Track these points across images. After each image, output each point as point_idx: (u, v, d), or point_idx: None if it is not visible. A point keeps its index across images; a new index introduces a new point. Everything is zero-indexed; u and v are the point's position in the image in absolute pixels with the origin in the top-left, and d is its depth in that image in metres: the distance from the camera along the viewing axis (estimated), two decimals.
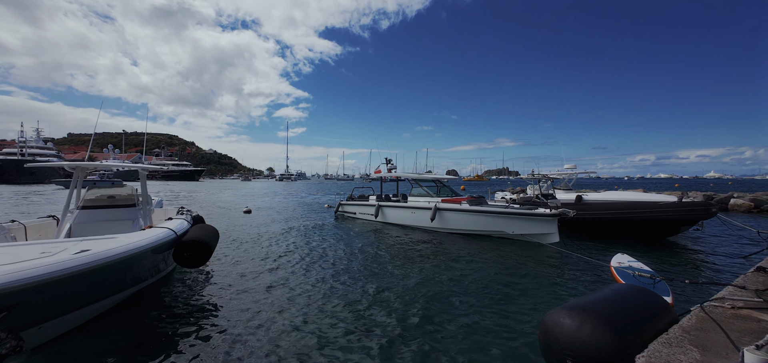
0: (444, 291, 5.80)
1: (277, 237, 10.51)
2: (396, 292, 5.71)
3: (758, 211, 18.12)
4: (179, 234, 5.22)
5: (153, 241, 4.49)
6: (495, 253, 8.49)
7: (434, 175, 16.10)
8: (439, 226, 11.02)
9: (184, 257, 5.10)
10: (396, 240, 10.24)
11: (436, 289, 5.87)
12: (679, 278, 6.28)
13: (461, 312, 4.94)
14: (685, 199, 9.70)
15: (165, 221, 5.90)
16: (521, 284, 6.18)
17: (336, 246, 9.32)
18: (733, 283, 3.93)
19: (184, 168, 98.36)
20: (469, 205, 10.12)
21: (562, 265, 7.27)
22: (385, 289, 5.89)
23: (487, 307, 5.14)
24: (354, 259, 7.88)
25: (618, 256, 6.65)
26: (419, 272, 6.88)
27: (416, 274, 6.78)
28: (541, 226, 8.74)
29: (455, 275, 6.68)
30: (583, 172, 15.02)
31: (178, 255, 5.12)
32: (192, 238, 5.12)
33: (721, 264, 7.64)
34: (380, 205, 13.41)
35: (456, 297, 5.52)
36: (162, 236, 4.77)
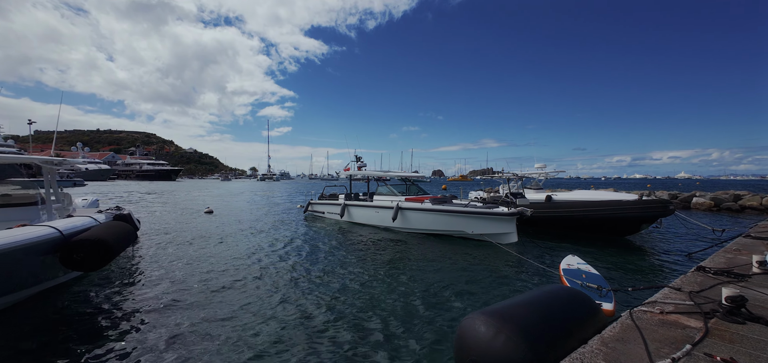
0: (387, 300, 5.44)
1: (232, 239, 9.91)
2: (345, 298, 5.31)
3: (718, 209, 18.83)
4: (67, 233, 4.54)
5: (11, 242, 3.82)
6: (451, 253, 8.23)
7: (420, 175, 15.79)
8: (402, 225, 10.71)
9: (73, 259, 4.43)
10: (357, 241, 9.84)
11: (383, 296, 5.51)
12: (626, 281, 6.18)
13: (394, 320, 4.59)
14: (645, 198, 9.78)
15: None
16: (468, 287, 5.90)
17: (290, 248, 8.83)
18: (669, 285, 3.75)
19: (160, 167, 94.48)
20: (432, 205, 9.83)
21: (517, 266, 7.07)
22: (336, 295, 5.48)
23: (424, 311, 4.81)
24: (306, 261, 7.42)
25: (568, 258, 6.50)
26: (371, 275, 6.51)
27: (367, 278, 6.41)
28: (498, 225, 8.54)
29: (406, 279, 6.36)
30: (553, 171, 15.09)
31: (66, 258, 4.44)
32: (85, 238, 4.46)
33: (671, 262, 7.66)
34: (346, 205, 12.99)
35: (400, 301, 5.18)
36: (30, 236, 4.07)
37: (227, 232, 10.98)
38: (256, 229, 11.77)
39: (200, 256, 7.77)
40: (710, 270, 4.26)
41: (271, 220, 14.25)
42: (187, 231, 11.08)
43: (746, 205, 18.12)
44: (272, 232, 11.33)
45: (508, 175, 13.32)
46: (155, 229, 11.24)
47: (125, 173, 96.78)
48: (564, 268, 5.97)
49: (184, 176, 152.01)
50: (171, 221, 13.32)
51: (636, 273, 6.76)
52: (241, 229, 11.66)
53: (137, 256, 7.60)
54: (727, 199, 18.96)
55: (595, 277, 5.43)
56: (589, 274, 5.53)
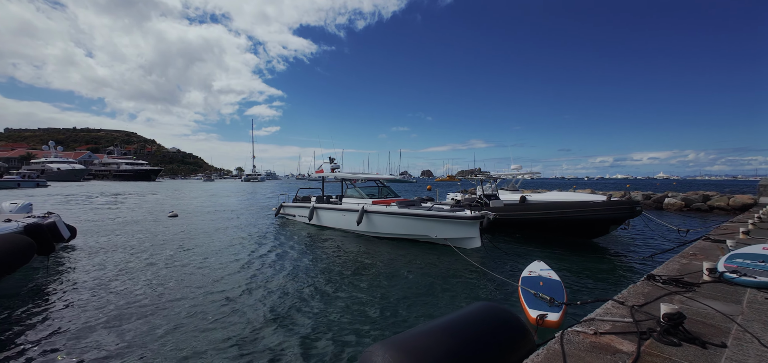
0: (333, 314, 5.06)
1: (187, 245, 9.31)
2: (293, 312, 4.90)
3: (688, 209, 19.27)
4: None
5: None
6: (415, 259, 7.93)
7: (408, 175, 15.37)
8: (367, 229, 10.34)
9: None
10: (321, 246, 9.42)
11: (329, 310, 5.13)
12: (585, 288, 5.98)
13: (331, 338, 4.22)
14: (613, 199, 9.72)
15: None
16: (423, 299, 5.59)
17: (248, 255, 8.33)
18: (615, 298, 3.50)
19: (139, 167, 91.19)
20: (398, 208, 9.50)
21: (477, 273, 6.80)
22: (285, 309, 5.05)
23: (372, 329, 4.46)
24: (261, 270, 6.95)
25: (533, 264, 6.25)
26: (324, 287, 6.12)
27: (321, 289, 6.01)
28: (461, 230, 8.28)
29: (361, 290, 5.99)
30: (528, 172, 15.01)
31: None
32: None
33: (629, 267, 7.56)
34: (315, 208, 12.54)
35: (346, 316, 4.80)
36: None
37: (183, 238, 10.35)
38: (218, 235, 11.17)
39: (138, 266, 7.15)
40: (660, 279, 4.06)
41: (238, 224, 13.64)
42: (137, 237, 10.38)
43: (714, 206, 18.60)
44: (235, 237, 10.77)
45: (482, 177, 13.13)
46: (99, 236, 10.46)
47: (102, 173, 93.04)
48: (525, 275, 5.72)
49: (166, 176, 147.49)
50: (125, 226, 12.54)
51: (597, 277, 6.60)
52: (201, 235, 11.03)
53: (59, 269, 6.74)
54: (696, 199, 19.43)
55: (553, 285, 5.19)
56: (549, 283, 5.29)
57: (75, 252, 8.18)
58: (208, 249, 8.83)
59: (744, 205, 17.73)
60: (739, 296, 3.59)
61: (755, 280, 3.85)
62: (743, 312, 3.17)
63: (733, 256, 4.69)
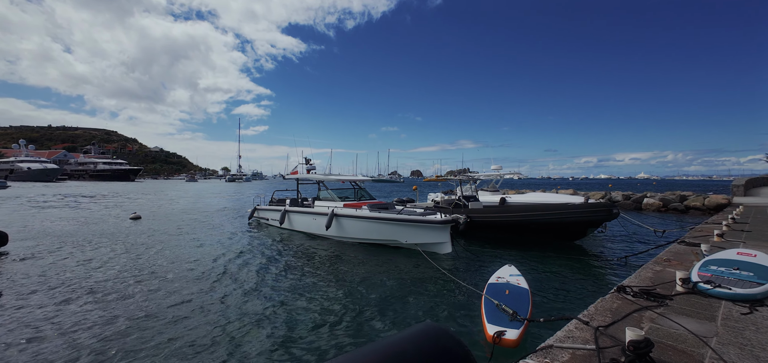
0: (283, 331, 4.54)
1: (139, 251, 8.58)
2: (245, 331, 4.34)
3: (666, 209, 19.52)
4: None
5: None
6: (385, 265, 7.48)
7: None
8: (337, 234, 9.85)
9: None
10: (288, 252, 8.86)
11: (281, 325, 4.60)
12: (556, 298, 5.62)
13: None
14: (591, 201, 9.52)
15: None
16: (384, 314, 5.13)
17: (206, 263, 7.69)
18: (579, 317, 3.11)
19: (118, 167, 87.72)
20: (369, 211, 9.02)
21: (444, 282, 6.39)
22: (235, 328, 4.48)
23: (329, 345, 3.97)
24: (217, 279, 6.35)
25: (502, 269, 5.89)
26: (283, 299, 5.58)
27: (278, 301, 5.47)
28: (431, 234, 7.87)
29: (318, 302, 5.49)
30: (508, 172, 14.81)
31: None
32: None
33: (603, 274, 7.26)
34: (286, 211, 11.95)
35: (301, 333, 4.29)
36: None
37: (137, 244, 9.58)
38: (179, 241, 10.44)
39: (69, 277, 6.42)
40: (631, 291, 3.71)
41: (205, 229, 12.88)
42: (85, 242, 9.55)
43: (690, 206, 18.89)
44: (197, 243, 10.06)
45: (461, 177, 12.80)
46: (41, 242, 9.54)
47: (78, 173, 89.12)
48: (492, 281, 5.34)
49: (147, 177, 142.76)
50: (78, 230, 11.63)
51: (569, 284, 6.27)
52: (159, 241, 10.27)
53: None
54: (674, 199, 19.71)
55: (519, 295, 4.81)
56: (515, 291, 4.91)
57: (6, 259, 7.38)
58: (162, 257, 8.14)
59: (719, 205, 18.05)
60: (714, 311, 3.27)
61: (730, 292, 3.54)
62: (718, 332, 2.82)
63: (707, 262, 4.41)
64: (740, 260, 4.44)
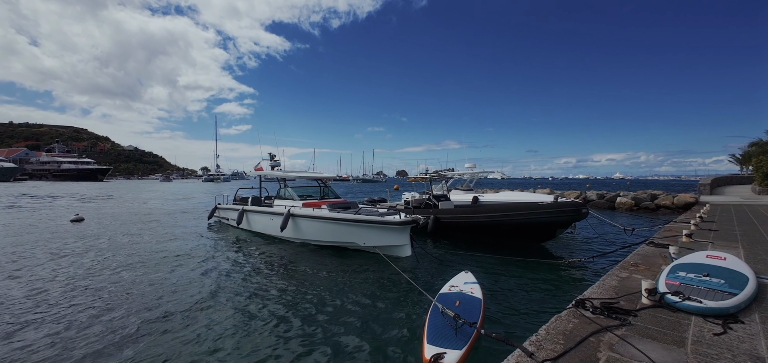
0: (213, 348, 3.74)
1: (67, 260, 7.47)
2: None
3: (638, 208, 19.76)
4: None
5: None
6: (341, 272, 6.76)
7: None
8: (294, 235, 9.07)
9: None
10: (240, 257, 7.98)
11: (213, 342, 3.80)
12: (508, 312, 5.04)
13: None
14: (560, 200, 9.14)
15: None
16: (327, 330, 4.41)
17: (142, 269, 6.73)
18: (524, 346, 2.50)
19: (84, 166, 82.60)
20: (328, 211, 8.27)
21: (396, 290, 5.74)
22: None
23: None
24: (150, 288, 5.43)
25: (457, 277, 5.32)
26: (224, 313, 4.75)
27: (218, 317, 4.63)
28: (389, 236, 7.23)
29: (262, 318, 4.70)
30: (482, 172, 14.40)
31: None
32: None
33: (569, 275, 6.87)
34: (244, 210, 11.03)
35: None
36: None
37: (69, 250, 8.43)
38: (120, 245, 9.32)
39: None
40: (591, 306, 3.16)
41: (156, 230, 11.74)
42: (13, 245, 8.33)
43: (661, 205, 19.19)
44: (140, 245, 8.99)
45: (432, 176, 12.24)
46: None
47: (40, 173, 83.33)
48: (443, 291, 4.73)
49: (120, 176, 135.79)
50: (9, 232, 10.26)
51: (528, 292, 5.73)
52: (96, 246, 9.12)
53: None
54: (645, 198, 19.99)
55: (470, 307, 4.22)
56: (466, 302, 4.32)
57: None
58: (94, 263, 7.10)
59: (687, 203, 18.39)
60: (683, 331, 2.74)
61: (700, 306, 3.05)
62: (688, 361, 2.28)
63: (675, 268, 3.95)
64: (710, 264, 4.02)
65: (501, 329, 4.30)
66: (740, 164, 46.98)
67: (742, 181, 35.12)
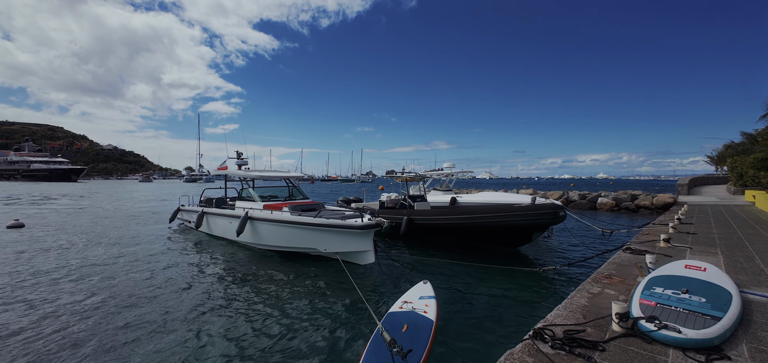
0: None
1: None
2: None
3: (618, 209, 19.75)
4: None
5: None
6: (299, 280, 6.08)
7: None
8: (252, 240, 8.35)
9: None
10: (193, 264, 7.18)
11: None
12: (456, 338, 4.45)
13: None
14: (538, 201, 8.69)
15: None
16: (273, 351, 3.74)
17: (76, 284, 5.86)
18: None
19: (57, 166, 78.68)
20: (290, 213, 7.55)
21: (349, 308, 5.10)
22: None
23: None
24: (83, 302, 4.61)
25: (413, 290, 4.72)
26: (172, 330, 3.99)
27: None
28: (350, 241, 6.59)
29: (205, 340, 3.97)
30: (461, 172, 13.93)
31: None
32: None
33: (540, 285, 6.40)
34: (204, 212, 10.21)
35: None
36: None
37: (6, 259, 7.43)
38: (59, 253, 8.34)
39: None
40: (550, 337, 2.60)
41: (111, 234, 10.74)
42: None
43: (641, 205, 19.22)
44: (84, 254, 8.04)
45: (409, 176, 11.66)
46: None
47: (8, 173, 78.98)
48: (393, 310, 4.13)
49: (98, 176, 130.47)
50: None
51: (492, 310, 5.17)
52: (27, 257, 8.13)
53: None
54: (626, 199, 20.01)
55: (420, 329, 3.64)
56: (417, 323, 3.73)
57: None
58: (20, 277, 6.17)
59: (665, 203, 18.46)
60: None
61: (679, 336, 2.53)
62: None
63: (651, 282, 3.47)
64: (689, 277, 3.55)
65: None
66: (715, 165, 48.56)
67: (718, 181, 36.09)
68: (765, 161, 10.13)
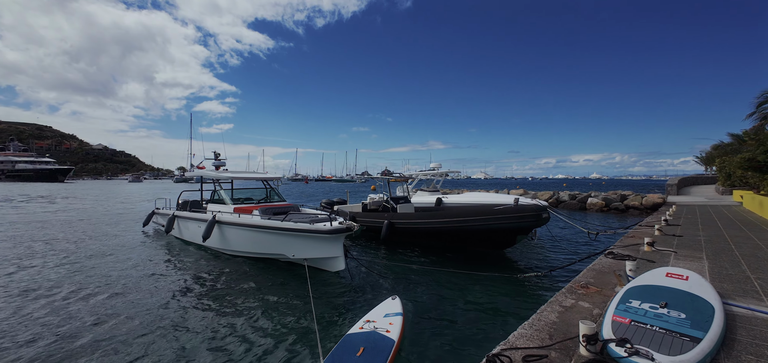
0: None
1: None
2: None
3: (608, 209, 19.63)
4: None
5: None
6: (264, 289, 5.68)
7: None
8: (219, 246, 7.95)
9: None
10: (155, 274, 6.74)
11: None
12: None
13: None
14: (522, 202, 8.40)
15: None
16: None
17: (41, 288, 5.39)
18: None
19: (43, 166, 76.90)
20: (260, 217, 7.13)
21: (304, 329, 4.73)
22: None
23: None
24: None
25: (379, 308, 4.36)
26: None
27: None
28: (319, 247, 6.20)
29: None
30: (447, 172, 13.61)
31: None
32: None
33: (509, 305, 6.09)
34: (174, 215, 9.75)
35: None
36: None
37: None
38: (16, 261, 7.83)
39: None
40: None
41: (75, 241, 10.22)
42: None
43: (630, 205, 19.12)
44: (37, 265, 7.55)
45: (392, 177, 11.30)
46: None
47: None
48: (353, 331, 3.75)
49: (87, 177, 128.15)
50: None
51: (459, 329, 4.80)
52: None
53: None
54: (615, 199, 19.90)
55: (378, 349, 3.28)
56: (375, 347, 3.38)
57: None
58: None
59: (655, 204, 18.38)
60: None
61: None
62: None
63: (628, 295, 3.16)
64: (670, 287, 3.25)
65: None
66: (705, 165, 49.06)
67: (707, 181, 36.38)
68: (752, 161, 9.99)
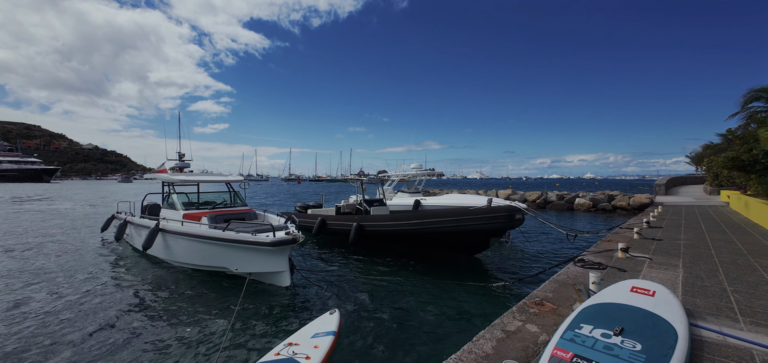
0: None
1: None
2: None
3: (595, 209, 19.31)
4: None
5: None
6: (212, 305, 5.15)
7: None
8: (164, 256, 7.38)
9: None
10: (105, 281, 6.15)
11: None
12: None
13: None
14: (494, 204, 7.93)
15: None
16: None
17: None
18: None
19: (28, 166, 75.07)
20: (208, 224, 6.53)
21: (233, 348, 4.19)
22: None
23: None
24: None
25: (319, 320, 3.89)
26: None
27: None
28: (261, 260, 5.65)
29: None
30: (428, 172, 13.12)
31: None
32: None
33: (482, 306, 5.62)
34: (126, 221, 9.14)
35: None
36: None
37: None
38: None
39: None
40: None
41: (26, 247, 9.55)
42: None
43: (617, 206, 18.82)
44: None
45: (365, 178, 10.77)
46: None
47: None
48: (266, 359, 3.20)
49: (77, 177, 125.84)
50: None
51: (399, 351, 4.34)
52: None
53: None
54: (603, 199, 19.59)
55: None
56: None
57: None
58: None
59: (642, 204, 18.10)
60: None
61: None
62: None
63: (579, 317, 2.71)
64: (631, 306, 2.81)
65: None
66: (695, 165, 49.28)
67: (696, 180, 36.41)
68: (735, 160, 9.65)
